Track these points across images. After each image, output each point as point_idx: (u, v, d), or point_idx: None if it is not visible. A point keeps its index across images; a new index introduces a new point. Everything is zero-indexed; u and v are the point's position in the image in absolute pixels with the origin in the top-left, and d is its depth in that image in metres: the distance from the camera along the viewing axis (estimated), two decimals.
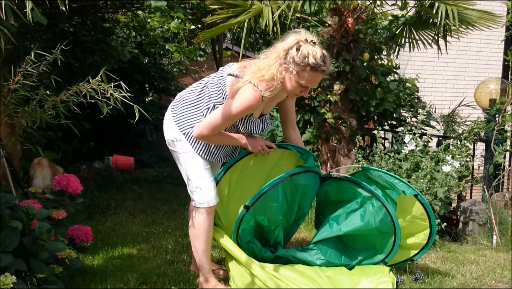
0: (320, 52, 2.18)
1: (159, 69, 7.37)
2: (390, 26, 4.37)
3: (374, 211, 2.53)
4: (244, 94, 2.20)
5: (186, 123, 2.37)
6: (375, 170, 2.64)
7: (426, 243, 2.67)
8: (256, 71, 2.23)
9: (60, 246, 2.23)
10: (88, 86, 2.37)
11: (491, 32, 4.05)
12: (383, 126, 4.59)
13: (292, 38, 2.21)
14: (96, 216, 3.92)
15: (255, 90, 2.20)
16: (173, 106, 2.45)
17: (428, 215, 2.59)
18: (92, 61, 5.51)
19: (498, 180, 4.06)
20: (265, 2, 3.50)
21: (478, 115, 6.26)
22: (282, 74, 2.20)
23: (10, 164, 2.84)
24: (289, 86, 2.23)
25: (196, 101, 2.38)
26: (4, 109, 2.52)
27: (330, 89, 4.03)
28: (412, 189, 2.54)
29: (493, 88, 5.28)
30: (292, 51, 2.18)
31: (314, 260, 2.64)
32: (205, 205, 2.37)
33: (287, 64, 2.18)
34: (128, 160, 5.87)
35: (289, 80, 2.22)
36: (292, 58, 2.17)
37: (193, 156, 2.38)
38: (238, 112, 2.23)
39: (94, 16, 5.16)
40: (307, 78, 2.20)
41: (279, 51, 2.21)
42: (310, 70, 2.17)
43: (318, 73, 2.20)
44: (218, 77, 2.36)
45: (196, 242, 2.43)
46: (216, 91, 2.33)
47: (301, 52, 2.16)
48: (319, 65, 2.17)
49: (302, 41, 2.19)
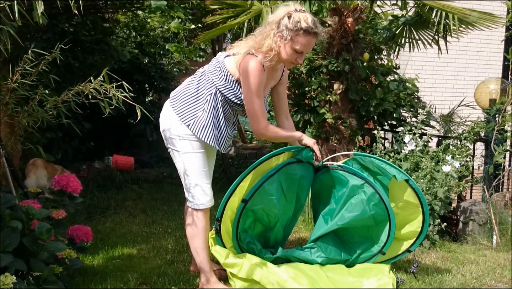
0: (311, 17, 2.30)
1: (159, 69, 7.37)
2: (390, 26, 4.37)
3: (367, 199, 2.55)
4: (247, 66, 2.27)
5: (189, 114, 2.37)
6: (366, 156, 2.66)
7: (421, 230, 2.65)
8: (252, 44, 2.31)
9: (60, 246, 2.23)
10: (90, 87, 2.37)
11: (491, 32, 4.05)
12: (383, 126, 4.59)
13: (282, 9, 2.32)
14: (96, 216, 3.92)
15: (254, 58, 2.27)
16: (172, 101, 2.45)
17: (420, 200, 2.58)
18: (92, 61, 5.52)
19: (498, 180, 4.06)
20: (265, 2, 3.50)
21: (478, 115, 6.26)
22: (277, 43, 2.28)
23: (10, 164, 2.83)
24: (285, 54, 2.32)
25: (196, 92, 2.40)
26: (4, 109, 2.52)
27: (330, 89, 4.03)
28: (403, 174, 2.54)
29: (493, 88, 5.28)
30: (284, 20, 2.28)
31: (314, 258, 2.64)
32: (203, 206, 2.39)
33: (281, 32, 2.28)
34: (128, 160, 5.87)
35: (284, 47, 2.30)
36: (285, 26, 2.27)
37: (194, 156, 2.38)
38: (256, 84, 2.28)
39: (94, 16, 5.16)
40: (302, 43, 2.28)
41: (272, 23, 2.31)
42: (303, 33, 2.27)
43: (311, 36, 2.29)
44: (215, 63, 2.41)
45: (195, 241, 2.44)
46: (217, 75, 2.36)
47: (293, 19, 2.27)
48: (311, 28, 2.27)
49: (292, 11, 2.30)
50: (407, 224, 2.68)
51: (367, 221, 2.60)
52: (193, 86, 2.42)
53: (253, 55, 2.28)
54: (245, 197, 2.43)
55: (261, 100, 2.34)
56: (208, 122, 2.35)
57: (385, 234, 2.61)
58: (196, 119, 2.35)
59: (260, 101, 2.32)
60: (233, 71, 2.34)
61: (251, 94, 2.29)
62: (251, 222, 2.55)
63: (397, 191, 2.61)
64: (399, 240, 2.72)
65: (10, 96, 2.47)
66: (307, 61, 4.31)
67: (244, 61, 2.28)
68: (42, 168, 3.93)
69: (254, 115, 2.34)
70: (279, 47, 2.30)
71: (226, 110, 2.43)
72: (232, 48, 2.42)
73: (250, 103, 2.32)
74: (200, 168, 2.39)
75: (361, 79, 4.06)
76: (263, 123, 2.37)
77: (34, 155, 3.95)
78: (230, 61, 2.35)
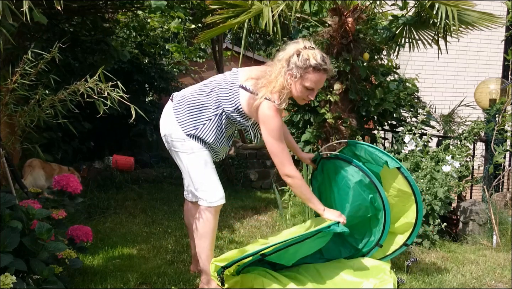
0: (320, 53, 2.31)
1: (159, 69, 7.37)
2: (390, 26, 4.37)
3: (364, 186, 2.56)
4: (265, 113, 2.28)
5: (190, 126, 2.37)
6: (360, 143, 2.69)
7: (416, 221, 2.63)
8: (266, 84, 2.30)
9: (60, 246, 2.22)
10: (85, 85, 2.37)
11: (491, 32, 4.05)
12: (383, 126, 4.59)
13: (292, 47, 2.33)
14: (96, 216, 3.92)
15: (271, 105, 2.27)
16: (176, 108, 2.43)
17: (412, 188, 2.57)
18: (92, 61, 5.51)
19: (498, 180, 4.06)
20: (265, 2, 3.50)
21: (478, 115, 6.27)
22: (288, 81, 2.30)
23: (10, 164, 2.83)
24: (296, 91, 2.33)
25: (202, 106, 2.39)
26: (3, 109, 2.52)
27: (330, 89, 4.03)
28: (395, 161, 2.55)
29: (493, 88, 5.27)
30: (293, 58, 2.29)
31: (315, 260, 2.65)
32: (216, 203, 2.38)
33: (291, 70, 2.28)
34: (128, 160, 5.87)
35: (294, 85, 2.32)
36: (294, 63, 2.28)
37: (201, 154, 2.39)
38: (275, 130, 2.29)
39: (94, 16, 5.15)
40: (311, 80, 2.29)
41: (282, 61, 2.31)
42: (312, 71, 2.27)
43: (321, 73, 2.30)
44: (228, 84, 2.38)
45: (203, 242, 2.42)
46: (227, 99, 2.35)
47: (302, 56, 2.27)
48: (320, 64, 2.28)
49: (301, 48, 2.29)
50: (401, 216, 2.69)
51: (368, 211, 2.60)
52: (200, 99, 2.40)
53: (269, 100, 2.28)
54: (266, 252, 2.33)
55: (283, 144, 2.34)
56: (208, 137, 2.38)
57: (381, 224, 2.62)
58: (197, 131, 2.37)
59: (282, 145, 2.33)
60: (245, 107, 2.34)
61: (272, 138, 2.30)
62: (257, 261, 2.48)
63: (389, 180, 2.62)
64: (395, 234, 2.72)
65: (10, 97, 2.47)
66: None
67: (262, 108, 2.28)
68: (39, 168, 3.92)
69: (277, 158, 2.34)
70: (290, 85, 2.31)
71: (229, 128, 2.47)
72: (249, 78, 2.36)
73: (272, 147, 2.32)
74: (208, 165, 2.40)
75: (361, 79, 4.06)
76: (289, 168, 2.34)
77: (34, 155, 3.95)
78: (244, 96, 2.33)
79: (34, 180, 3.81)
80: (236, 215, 4.20)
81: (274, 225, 3.87)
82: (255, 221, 4.04)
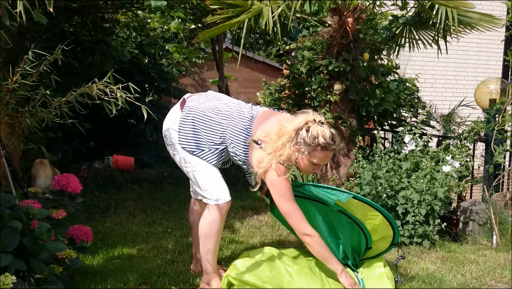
0: (329, 131, 2.27)
1: (159, 69, 7.37)
2: (390, 26, 4.37)
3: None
4: (273, 179, 2.28)
5: (190, 144, 2.39)
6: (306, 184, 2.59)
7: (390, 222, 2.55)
8: (276, 150, 2.27)
9: (60, 246, 2.22)
10: (96, 88, 2.38)
11: (491, 32, 4.04)
12: (383, 126, 4.59)
13: (301, 118, 2.30)
14: (96, 216, 3.92)
15: (279, 171, 2.26)
16: (183, 120, 2.41)
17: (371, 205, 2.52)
18: (92, 62, 5.51)
19: (498, 180, 4.06)
20: (265, 2, 3.50)
21: (478, 115, 6.27)
22: (296, 156, 2.28)
23: (10, 164, 2.83)
24: (303, 165, 2.33)
25: (207, 132, 2.38)
26: (4, 109, 2.52)
27: (330, 89, 4.03)
28: (346, 194, 2.46)
29: (493, 88, 5.27)
30: (302, 132, 2.26)
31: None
32: (222, 201, 2.39)
33: (299, 145, 2.27)
34: (128, 160, 5.87)
35: (301, 160, 2.31)
36: (302, 139, 2.25)
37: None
38: (286, 192, 2.30)
39: (94, 16, 5.15)
40: (319, 157, 2.29)
41: (290, 131, 2.27)
42: (321, 150, 2.26)
43: (329, 152, 2.30)
44: (243, 124, 2.35)
45: (208, 242, 2.42)
46: (236, 146, 2.35)
47: (311, 133, 2.24)
48: (329, 144, 2.26)
49: (310, 121, 2.28)
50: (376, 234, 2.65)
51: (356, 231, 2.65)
52: (211, 122, 2.38)
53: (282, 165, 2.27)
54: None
55: (295, 204, 2.33)
56: (209, 160, 2.40)
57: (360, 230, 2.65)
58: (196, 151, 2.39)
59: (295, 205, 2.32)
60: (252, 162, 2.33)
61: (284, 200, 2.31)
62: None
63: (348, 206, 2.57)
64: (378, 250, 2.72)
65: (10, 97, 2.47)
66: (307, 61, 4.32)
67: (271, 174, 2.27)
68: (50, 167, 3.91)
69: (292, 219, 2.33)
70: (297, 159, 2.30)
71: (226, 160, 2.51)
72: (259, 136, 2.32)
73: (285, 209, 2.33)
74: (212, 163, 2.42)
75: (361, 79, 4.06)
76: (306, 227, 2.33)
77: (34, 154, 3.94)
78: (254, 154, 2.32)
79: (46, 177, 3.78)
80: (236, 215, 4.20)
81: (274, 225, 3.87)
82: (255, 221, 4.04)
